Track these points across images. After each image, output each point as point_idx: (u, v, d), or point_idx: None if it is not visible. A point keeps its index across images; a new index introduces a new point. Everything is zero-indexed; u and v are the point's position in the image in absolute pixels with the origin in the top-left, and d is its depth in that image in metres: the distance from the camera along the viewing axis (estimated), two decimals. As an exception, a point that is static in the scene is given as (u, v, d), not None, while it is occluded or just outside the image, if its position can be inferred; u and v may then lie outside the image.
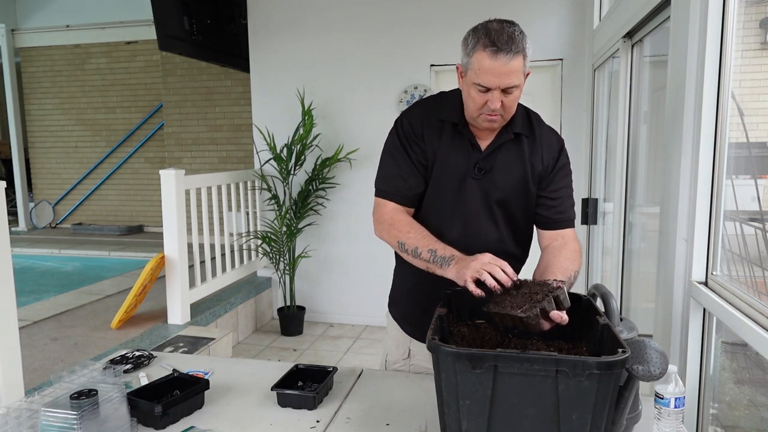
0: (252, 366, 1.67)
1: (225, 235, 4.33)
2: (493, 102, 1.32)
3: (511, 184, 1.46)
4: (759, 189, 1.93)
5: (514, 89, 1.32)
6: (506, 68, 1.28)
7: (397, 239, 1.42)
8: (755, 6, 2.21)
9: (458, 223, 1.47)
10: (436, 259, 1.32)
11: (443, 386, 1.00)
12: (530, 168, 1.46)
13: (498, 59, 1.27)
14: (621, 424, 1.05)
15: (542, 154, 1.47)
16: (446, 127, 1.47)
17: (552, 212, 1.49)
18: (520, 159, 1.46)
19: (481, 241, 1.45)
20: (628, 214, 3.05)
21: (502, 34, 1.28)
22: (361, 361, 3.98)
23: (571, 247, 1.44)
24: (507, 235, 1.51)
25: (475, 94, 1.34)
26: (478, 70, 1.30)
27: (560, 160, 1.50)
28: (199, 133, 6.85)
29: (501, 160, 1.46)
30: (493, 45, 1.27)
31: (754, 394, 2.27)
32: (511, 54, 1.27)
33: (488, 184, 1.45)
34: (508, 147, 1.46)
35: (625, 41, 2.87)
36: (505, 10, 4.24)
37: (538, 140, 1.48)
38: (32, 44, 7.74)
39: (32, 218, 8.01)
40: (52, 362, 2.96)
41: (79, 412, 1.11)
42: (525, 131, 1.47)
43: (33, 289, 5.11)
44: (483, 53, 1.28)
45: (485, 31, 1.30)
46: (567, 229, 1.50)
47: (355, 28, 4.55)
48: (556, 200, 1.49)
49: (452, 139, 1.46)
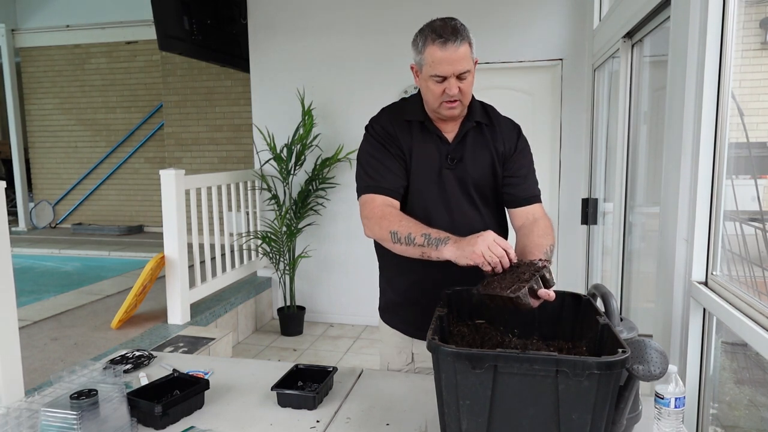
0: (252, 366, 1.67)
1: (225, 235, 4.33)
2: (450, 89, 1.43)
3: (482, 169, 1.57)
4: (759, 189, 1.93)
5: (467, 74, 1.44)
6: (456, 55, 1.40)
7: (389, 230, 1.44)
8: (755, 6, 2.21)
9: (444, 214, 1.55)
10: (431, 241, 1.34)
11: (443, 386, 1.00)
12: (495, 152, 1.58)
13: (447, 49, 1.40)
14: (621, 424, 1.05)
15: (503, 139, 1.59)
16: (414, 126, 1.58)
17: (518, 190, 1.58)
18: (485, 145, 1.57)
19: (467, 229, 1.48)
20: (628, 214, 3.05)
21: (446, 27, 1.42)
22: (361, 361, 3.98)
23: (542, 223, 1.53)
24: (489, 219, 1.60)
25: (433, 86, 1.45)
26: (432, 62, 1.42)
27: (519, 142, 1.62)
28: (199, 133, 6.86)
29: (469, 148, 1.56)
30: (440, 37, 1.41)
31: (754, 394, 2.27)
32: (458, 42, 1.40)
33: (462, 172, 1.55)
34: (472, 135, 1.57)
35: (625, 41, 2.87)
36: (505, 11, 4.25)
37: (497, 127, 1.60)
38: (32, 44, 7.74)
39: (32, 218, 8.01)
40: (52, 362, 2.96)
41: (79, 412, 1.11)
42: (484, 120, 1.59)
43: (33, 289, 5.11)
44: (433, 46, 1.42)
45: (431, 29, 1.44)
46: (535, 204, 1.59)
47: (355, 28, 4.55)
48: (521, 178, 1.59)
49: (422, 135, 1.57)
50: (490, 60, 4.17)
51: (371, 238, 1.53)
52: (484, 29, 4.18)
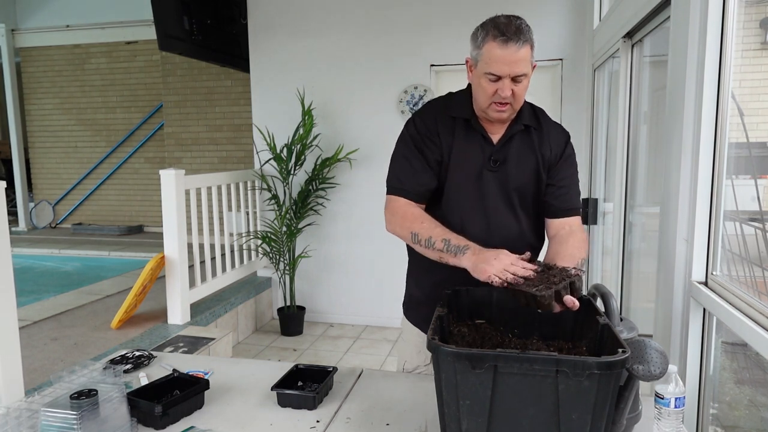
0: (252, 366, 1.67)
1: (225, 235, 4.33)
2: (503, 90, 1.37)
3: (526, 175, 1.51)
4: (759, 189, 1.93)
5: (522, 78, 1.38)
6: (515, 56, 1.34)
7: (410, 230, 1.44)
8: (755, 6, 2.21)
9: (480, 217, 1.51)
10: (450, 248, 1.33)
11: (443, 386, 1.00)
12: (540, 157, 1.52)
13: (508, 48, 1.34)
14: (621, 424, 1.05)
15: (550, 145, 1.53)
16: (458, 124, 1.52)
17: (559, 201, 1.53)
18: (531, 149, 1.51)
19: (503, 234, 1.49)
20: (628, 214, 3.05)
21: (510, 26, 1.35)
22: (361, 361, 3.98)
23: (578, 236, 1.49)
24: (526, 225, 1.55)
25: (486, 84, 1.39)
26: (489, 59, 1.36)
27: (566, 150, 1.56)
28: (199, 133, 6.85)
29: (513, 151, 1.51)
30: (502, 35, 1.34)
31: (754, 394, 2.27)
32: (520, 43, 1.34)
33: (504, 175, 1.50)
34: (519, 138, 1.51)
35: (625, 41, 2.87)
36: (505, 10, 4.23)
37: (546, 131, 1.54)
38: (32, 44, 7.73)
39: (32, 218, 8.01)
40: (52, 362, 2.96)
41: (79, 412, 1.11)
42: (533, 123, 1.53)
43: (33, 289, 5.11)
44: (493, 43, 1.35)
45: (494, 24, 1.37)
46: (573, 217, 1.54)
47: (355, 28, 4.55)
48: (563, 188, 1.53)
49: (465, 134, 1.51)
50: (490, 60, 4.17)
51: (392, 233, 1.53)
52: (484, 29, 4.17)
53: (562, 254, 1.39)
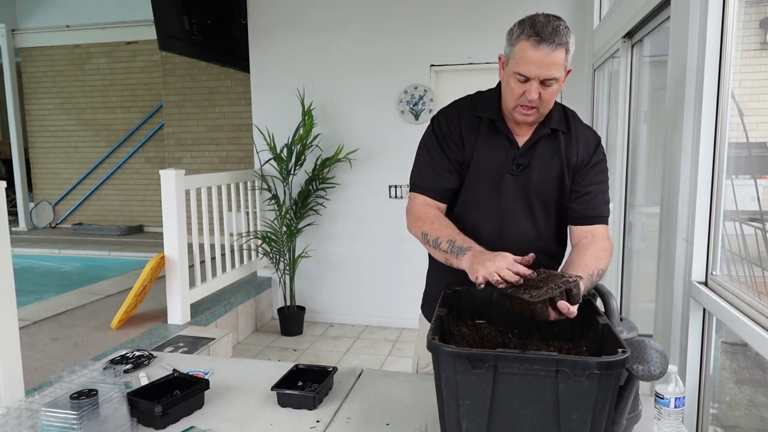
0: (252, 366, 1.67)
1: (225, 235, 4.33)
2: (530, 92, 1.33)
3: (549, 180, 1.46)
4: (759, 189, 1.93)
5: (552, 82, 1.33)
6: (547, 59, 1.29)
7: (421, 230, 1.43)
8: (755, 6, 2.21)
9: (494, 219, 1.47)
10: (454, 249, 1.32)
11: (443, 386, 1.00)
12: (566, 162, 1.46)
13: (540, 49, 1.28)
14: (621, 424, 1.05)
15: (578, 149, 1.47)
16: (483, 124, 1.48)
17: (583, 207, 1.47)
18: (557, 154, 1.46)
19: (517, 237, 1.46)
20: (628, 214, 3.05)
21: (547, 26, 1.29)
22: (361, 361, 3.98)
23: (600, 245, 1.42)
24: (546, 231, 1.51)
25: (514, 84, 1.35)
26: (520, 59, 1.31)
27: (596, 155, 1.49)
28: (199, 133, 6.85)
29: (538, 156, 1.46)
30: (537, 35, 1.28)
31: (754, 394, 2.27)
32: (554, 45, 1.28)
33: (525, 179, 1.46)
34: (545, 143, 1.46)
35: (625, 41, 2.87)
36: (505, 10, 4.24)
37: (574, 136, 1.48)
38: (32, 44, 7.73)
39: (32, 218, 8.01)
40: (52, 362, 2.96)
41: (79, 412, 1.11)
42: (562, 127, 1.47)
43: (33, 289, 5.11)
44: (526, 42, 1.29)
45: (531, 23, 1.31)
46: (598, 225, 1.47)
47: (355, 28, 4.55)
48: (588, 195, 1.47)
49: (490, 135, 1.47)
50: (490, 60, 4.16)
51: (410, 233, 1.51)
52: (484, 29, 4.19)
53: (577, 263, 1.34)
